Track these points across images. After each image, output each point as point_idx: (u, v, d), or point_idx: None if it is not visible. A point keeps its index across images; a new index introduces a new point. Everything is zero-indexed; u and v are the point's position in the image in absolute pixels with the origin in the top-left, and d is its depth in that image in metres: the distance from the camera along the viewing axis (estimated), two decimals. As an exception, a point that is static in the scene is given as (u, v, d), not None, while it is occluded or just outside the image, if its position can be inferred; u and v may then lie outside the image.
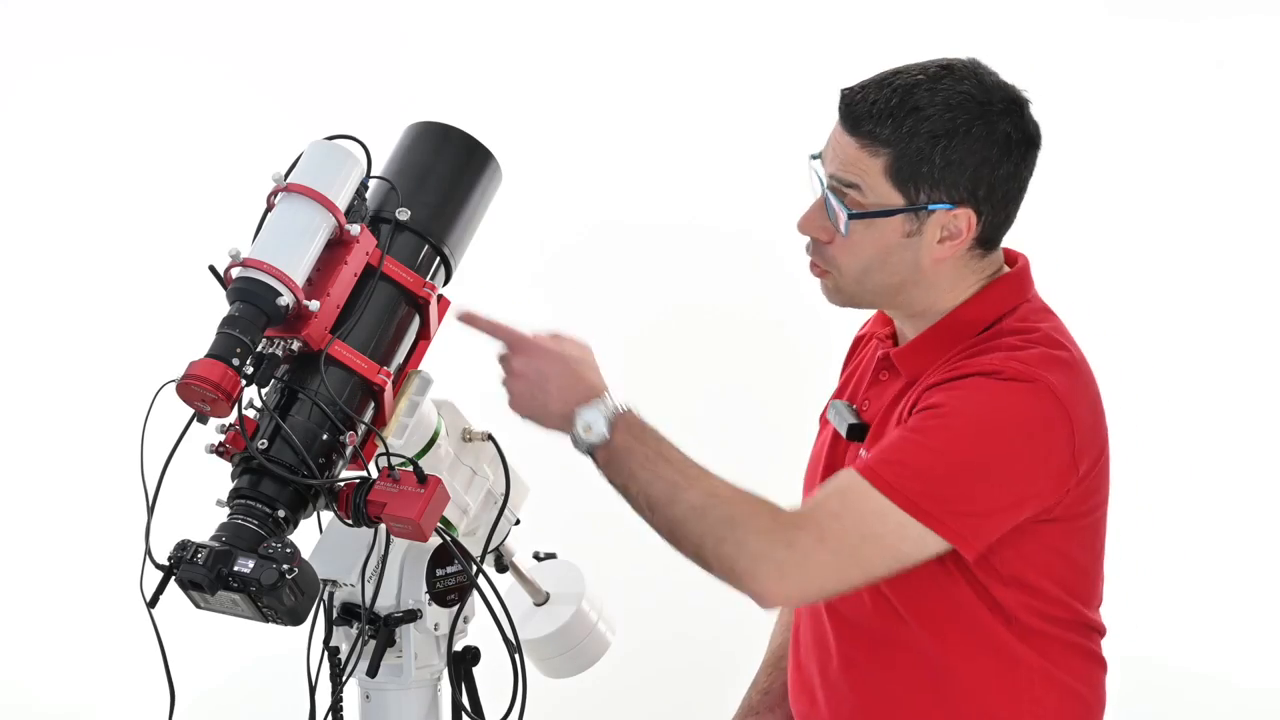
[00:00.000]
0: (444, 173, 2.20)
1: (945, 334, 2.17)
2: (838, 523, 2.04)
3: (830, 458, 2.28)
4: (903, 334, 2.26)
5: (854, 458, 2.19)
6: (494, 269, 2.81)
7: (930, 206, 2.10)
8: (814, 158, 2.17)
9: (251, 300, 1.97)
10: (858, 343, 2.43)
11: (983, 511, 2.05)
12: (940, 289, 2.17)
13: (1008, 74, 2.12)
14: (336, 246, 2.06)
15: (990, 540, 2.07)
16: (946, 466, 2.03)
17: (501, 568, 2.38)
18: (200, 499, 2.03)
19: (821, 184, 2.14)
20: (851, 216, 2.10)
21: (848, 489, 2.06)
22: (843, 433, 2.24)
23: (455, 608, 2.21)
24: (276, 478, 1.97)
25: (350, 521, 2.02)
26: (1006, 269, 2.21)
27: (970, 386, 2.07)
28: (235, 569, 1.88)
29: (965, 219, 2.11)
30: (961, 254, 2.14)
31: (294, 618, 1.93)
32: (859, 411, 2.25)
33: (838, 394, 2.36)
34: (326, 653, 2.17)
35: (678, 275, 3.93)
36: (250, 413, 2.00)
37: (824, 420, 2.36)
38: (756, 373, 3.87)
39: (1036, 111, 2.14)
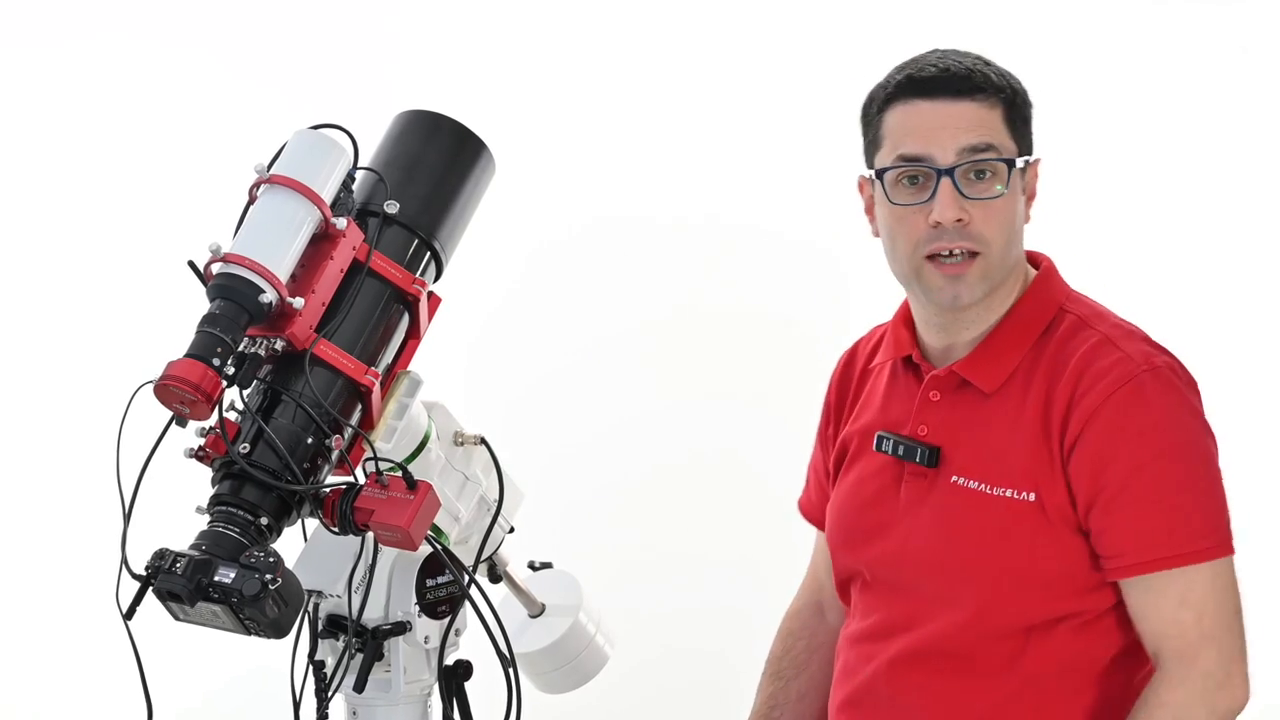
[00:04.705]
0: (434, 164, 2.16)
1: (1012, 335, 2.13)
2: (1227, 633, 2.06)
3: (884, 493, 2.20)
4: (930, 349, 2.19)
5: (921, 485, 2.14)
6: (487, 265, 2.76)
7: (1032, 156, 2.11)
8: (900, 163, 2.08)
9: (233, 297, 1.93)
10: (851, 369, 2.36)
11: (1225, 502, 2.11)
12: (1019, 264, 2.15)
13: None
14: (322, 241, 2.02)
15: None
16: (1198, 494, 2.07)
17: (495, 578, 2.36)
18: (179, 505, 1.99)
19: (939, 173, 2.06)
20: (1004, 161, 2.06)
21: (1192, 601, 2.05)
22: (918, 460, 2.16)
23: (446, 620, 2.18)
24: (259, 483, 1.94)
25: (336, 529, 1.99)
26: None
27: (1139, 400, 2.04)
28: (216, 579, 1.86)
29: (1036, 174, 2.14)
30: None
31: (277, 630, 1.90)
32: (919, 438, 2.18)
33: (865, 425, 2.26)
34: (311, 667, 2.14)
35: (677, 273, 3.91)
36: (231, 415, 1.97)
37: (849, 458, 2.28)
38: (757, 372, 3.83)
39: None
